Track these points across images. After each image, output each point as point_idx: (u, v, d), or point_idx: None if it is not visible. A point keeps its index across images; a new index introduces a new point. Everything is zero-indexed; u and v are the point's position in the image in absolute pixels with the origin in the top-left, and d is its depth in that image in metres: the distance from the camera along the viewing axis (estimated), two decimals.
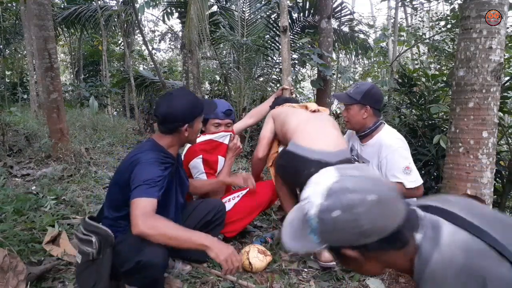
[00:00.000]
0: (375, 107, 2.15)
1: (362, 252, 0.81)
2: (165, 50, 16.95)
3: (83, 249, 1.52)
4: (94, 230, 1.53)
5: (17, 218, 2.27)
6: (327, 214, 0.78)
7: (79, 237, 1.56)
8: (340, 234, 0.78)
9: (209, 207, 2.01)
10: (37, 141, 4.36)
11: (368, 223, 0.76)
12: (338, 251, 0.83)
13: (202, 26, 4.62)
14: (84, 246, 1.51)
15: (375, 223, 0.76)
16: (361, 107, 2.15)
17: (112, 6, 8.74)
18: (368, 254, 0.81)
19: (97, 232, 1.52)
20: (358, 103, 2.14)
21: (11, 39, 11.60)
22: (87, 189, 3.13)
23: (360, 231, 0.76)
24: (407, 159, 2.02)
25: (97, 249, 1.47)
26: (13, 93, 12.50)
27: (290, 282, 1.86)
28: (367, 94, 2.12)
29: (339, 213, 0.76)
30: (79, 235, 1.57)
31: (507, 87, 2.67)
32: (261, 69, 6.71)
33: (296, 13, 6.07)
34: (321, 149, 1.99)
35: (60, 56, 16.19)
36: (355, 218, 0.76)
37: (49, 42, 3.70)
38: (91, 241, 1.48)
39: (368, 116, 2.15)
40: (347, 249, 0.81)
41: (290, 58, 2.78)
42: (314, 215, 0.80)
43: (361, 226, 0.76)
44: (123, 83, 8.90)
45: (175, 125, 1.65)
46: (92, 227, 1.54)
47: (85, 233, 1.54)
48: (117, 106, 14.53)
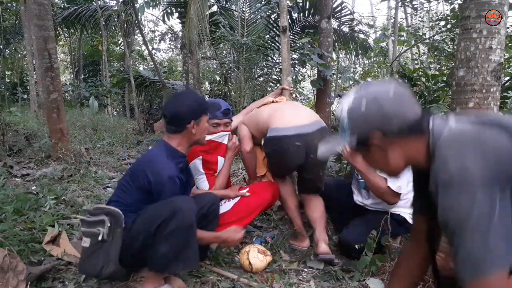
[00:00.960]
0: None
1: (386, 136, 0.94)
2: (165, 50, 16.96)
3: (92, 231, 1.54)
4: (104, 211, 1.57)
5: (17, 218, 2.27)
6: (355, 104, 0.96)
7: (88, 220, 1.59)
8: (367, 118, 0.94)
9: (204, 202, 1.96)
10: (37, 141, 4.36)
11: (390, 107, 0.92)
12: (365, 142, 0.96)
13: (202, 26, 4.62)
14: (95, 227, 1.54)
15: (396, 108, 0.92)
16: None
17: (112, 6, 8.74)
18: (392, 140, 0.94)
19: (107, 212, 1.56)
20: None
21: (11, 39, 11.60)
22: (87, 189, 3.13)
23: (383, 114, 0.92)
24: None
25: (108, 229, 1.52)
26: (13, 93, 12.50)
27: (290, 282, 1.86)
28: None
29: (365, 101, 0.94)
30: (87, 219, 1.59)
31: (507, 87, 2.67)
32: (261, 69, 6.72)
33: (296, 13, 6.07)
34: (297, 124, 2.08)
35: (60, 56, 16.19)
36: (379, 104, 0.92)
37: (49, 42, 3.70)
38: (103, 220, 1.53)
39: None
40: (374, 133, 0.94)
41: (290, 58, 2.78)
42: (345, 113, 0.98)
43: (384, 110, 0.92)
44: (123, 83, 8.91)
45: (182, 122, 1.72)
46: (102, 209, 1.59)
47: (94, 215, 1.59)
48: (117, 106, 14.53)
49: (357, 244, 1.98)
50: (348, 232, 2.15)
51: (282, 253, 2.21)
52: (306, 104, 9.16)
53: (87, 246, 1.56)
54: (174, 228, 1.51)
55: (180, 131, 1.74)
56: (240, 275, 1.90)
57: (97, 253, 1.53)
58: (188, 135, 1.76)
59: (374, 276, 1.87)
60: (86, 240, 1.57)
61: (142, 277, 1.81)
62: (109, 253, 1.51)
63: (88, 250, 1.55)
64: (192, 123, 1.73)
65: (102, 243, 1.52)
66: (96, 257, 1.52)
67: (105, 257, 1.51)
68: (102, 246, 1.52)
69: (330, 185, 2.43)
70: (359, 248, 1.98)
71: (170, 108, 1.75)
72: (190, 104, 1.74)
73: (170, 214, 1.51)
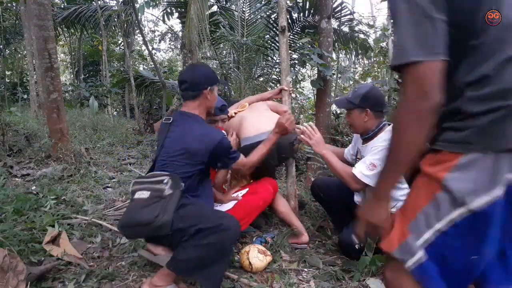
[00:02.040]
0: (376, 109, 2.13)
1: None
2: (165, 50, 16.97)
3: (154, 186, 1.64)
4: (165, 174, 1.68)
5: (17, 218, 2.27)
6: None
7: (148, 180, 1.69)
8: None
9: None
10: (37, 141, 4.36)
11: None
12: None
13: (202, 26, 4.62)
14: (155, 185, 1.65)
15: None
16: (361, 111, 2.14)
17: (112, 6, 8.74)
18: None
19: (168, 175, 1.67)
20: (357, 107, 2.14)
21: (11, 39, 11.61)
22: (87, 189, 3.14)
23: None
24: (378, 159, 2.02)
25: (169, 187, 1.61)
26: (13, 93, 12.51)
27: (290, 282, 1.86)
28: (365, 97, 2.12)
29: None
30: (147, 179, 1.71)
31: None
32: (261, 69, 6.72)
33: (296, 13, 6.07)
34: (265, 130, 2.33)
35: (60, 56, 16.20)
36: None
37: (49, 42, 3.70)
38: (165, 180, 1.63)
39: (369, 119, 2.14)
40: None
41: (290, 58, 2.78)
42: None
43: None
44: (123, 83, 8.90)
45: (199, 87, 1.85)
46: (161, 174, 1.70)
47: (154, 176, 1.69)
48: (117, 106, 14.53)
49: (357, 244, 1.99)
50: (348, 232, 2.15)
51: (282, 253, 2.21)
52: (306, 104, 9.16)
53: (146, 197, 1.62)
54: (212, 242, 1.55)
55: (197, 95, 1.86)
56: (240, 275, 1.90)
57: (155, 204, 1.58)
58: (204, 100, 1.88)
59: (374, 276, 1.87)
60: (143, 193, 1.64)
61: (141, 278, 1.81)
62: (167, 206, 1.57)
63: (146, 201, 1.60)
64: (208, 88, 1.86)
65: (160, 198, 1.59)
66: (153, 207, 1.57)
67: (163, 208, 1.56)
68: (160, 200, 1.59)
69: (330, 185, 2.43)
70: (359, 248, 1.98)
71: (189, 74, 1.88)
72: (206, 71, 1.92)
73: (217, 227, 1.55)
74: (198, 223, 1.56)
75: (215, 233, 1.54)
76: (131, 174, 3.81)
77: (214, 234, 1.54)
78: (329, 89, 4.20)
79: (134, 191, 1.70)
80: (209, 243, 1.54)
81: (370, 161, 2.04)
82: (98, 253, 2.04)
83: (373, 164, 2.03)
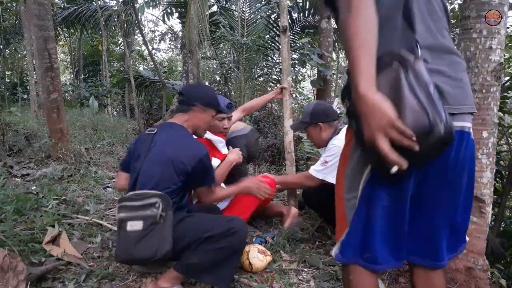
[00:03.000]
0: (327, 120, 2.34)
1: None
2: (165, 50, 16.99)
3: (145, 213, 1.53)
4: (153, 195, 1.56)
5: (17, 218, 2.27)
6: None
7: (136, 205, 1.56)
8: None
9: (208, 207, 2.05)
10: (37, 141, 4.36)
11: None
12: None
13: (202, 26, 4.62)
14: (147, 210, 1.53)
15: None
16: (314, 127, 2.37)
17: (112, 6, 8.74)
18: None
19: (157, 195, 1.56)
20: (310, 124, 2.37)
21: (11, 39, 11.61)
22: (87, 189, 3.13)
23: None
24: (329, 156, 2.25)
25: (161, 210, 1.52)
26: (13, 93, 12.51)
27: (290, 282, 1.86)
28: (314, 113, 2.35)
29: None
30: (135, 203, 1.56)
31: (507, 87, 2.67)
32: (261, 69, 6.71)
33: (296, 13, 6.07)
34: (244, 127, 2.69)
35: (60, 56, 16.20)
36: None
37: (49, 42, 3.70)
38: (156, 202, 1.53)
39: (324, 131, 2.36)
40: None
41: (290, 58, 2.78)
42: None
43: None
44: (123, 83, 8.91)
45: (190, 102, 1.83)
46: (148, 193, 1.57)
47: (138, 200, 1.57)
48: (117, 106, 14.54)
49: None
50: None
51: (282, 253, 2.21)
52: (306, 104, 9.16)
53: (140, 229, 1.52)
54: (224, 246, 1.56)
55: (188, 110, 1.83)
56: (240, 275, 1.90)
57: (151, 235, 1.51)
58: (193, 116, 1.83)
59: None
60: (136, 224, 1.54)
61: (141, 278, 1.81)
62: (164, 234, 1.51)
63: (141, 233, 1.52)
64: (200, 106, 1.82)
65: (154, 226, 1.51)
66: (150, 240, 1.50)
67: (160, 238, 1.50)
68: (155, 228, 1.51)
69: (328, 186, 2.43)
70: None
71: (190, 88, 1.93)
72: (205, 91, 1.90)
73: (227, 231, 1.56)
74: (205, 231, 1.56)
75: (227, 236, 1.56)
76: None
77: (226, 238, 1.56)
78: (329, 89, 4.20)
79: (124, 219, 1.56)
80: (222, 247, 1.56)
81: (323, 159, 2.29)
82: (98, 253, 2.04)
83: (325, 161, 2.27)
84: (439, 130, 0.79)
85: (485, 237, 1.78)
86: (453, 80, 0.96)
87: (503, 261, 2.53)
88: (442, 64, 0.96)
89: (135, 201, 1.57)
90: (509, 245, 2.70)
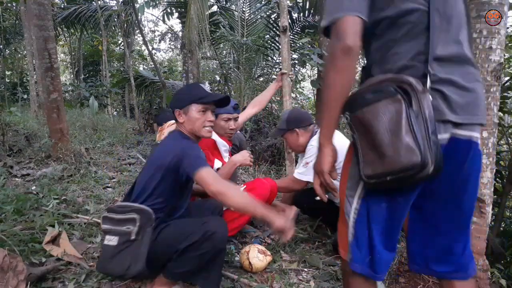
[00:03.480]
0: (302, 125, 2.40)
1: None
2: (165, 50, 16.98)
3: (121, 229, 1.49)
4: (135, 209, 1.53)
5: (17, 218, 2.27)
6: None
7: (116, 218, 1.53)
8: None
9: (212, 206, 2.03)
10: (37, 141, 4.36)
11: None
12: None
13: (202, 26, 4.62)
14: (124, 226, 1.49)
15: None
16: (291, 133, 2.42)
17: (112, 6, 8.74)
18: None
19: (138, 210, 1.52)
20: (287, 130, 2.43)
21: (11, 39, 11.61)
22: (87, 189, 3.13)
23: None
24: (309, 157, 2.32)
25: (138, 227, 1.47)
26: (13, 93, 12.51)
27: (290, 282, 1.86)
28: (289, 120, 2.41)
29: None
30: (115, 216, 1.54)
31: (507, 87, 2.67)
32: (261, 69, 6.71)
33: (296, 13, 6.07)
34: None
35: (60, 56, 16.20)
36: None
37: (49, 42, 3.70)
38: (134, 218, 1.48)
39: (301, 136, 2.41)
40: None
41: (290, 58, 2.79)
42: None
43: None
44: (123, 83, 8.91)
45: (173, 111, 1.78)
46: (131, 207, 1.54)
47: (121, 212, 1.53)
48: (117, 106, 14.54)
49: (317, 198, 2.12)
50: None
51: (282, 253, 2.21)
52: (307, 104, 9.15)
53: (115, 244, 1.49)
54: (205, 252, 1.52)
55: (175, 119, 1.79)
56: (240, 275, 1.90)
57: (124, 252, 1.47)
58: (180, 123, 1.78)
59: None
60: (112, 239, 1.51)
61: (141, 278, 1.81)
62: (138, 252, 1.46)
63: (115, 249, 1.49)
64: (177, 111, 1.76)
65: (130, 242, 1.47)
66: (123, 256, 1.47)
67: (133, 256, 1.46)
68: (130, 245, 1.47)
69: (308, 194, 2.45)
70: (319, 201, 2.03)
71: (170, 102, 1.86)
72: (178, 94, 1.83)
73: (204, 236, 1.51)
74: (183, 240, 1.52)
75: (204, 241, 1.51)
76: (131, 174, 3.81)
77: (204, 243, 1.51)
78: None
79: (104, 231, 1.57)
80: (202, 253, 1.52)
81: (304, 161, 2.33)
82: (98, 253, 2.04)
83: (306, 163, 2.32)
84: (428, 170, 0.88)
85: (485, 237, 1.78)
86: (465, 91, 0.97)
87: (503, 261, 2.53)
88: (455, 73, 0.97)
89: (116, 213, 1.55)
90: (509, 245, 2.70)
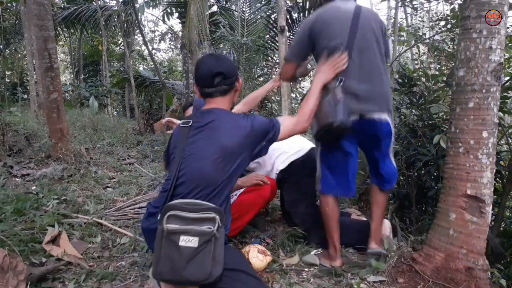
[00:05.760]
0: None
1: None
2: (165, 50, 17.00)
3: (201, 229, 1.35)
4: (210, 208, 1.40)
5: (17, 218, 2.27)
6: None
7: (191, 217, 1.37)
8: None
9: None
10: (37, 141, 4.36)
11: None
12: None
13: (202, 26, 4.62)
14: (203, 225, 1.36)
15: None
16: None
17: (112, 6, 8.74)
18: None
19: (214, 209, 1.40)
20: None
21: (11, 39, 11.62)
22: (87, 189, 3.14)
23: None
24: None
25: (217, 227, 1.36)
26: (13, 93, 12.51)
27: (290, 282, 1.85)
28: None
29: None
30: (190, 215, 1.37)
31: (507, 87, 2.67)
32: (261, 69, 6.72)
33: (296, 13, 6.07)
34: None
35: (60, 56, 16.21)
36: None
37: (49, 42, 3.70)
38: (214, 218, 1.36)
39: None
40: None
41: None
42: None
43: None
44: (123, 83, 8.92)
45: (232, 80, 1.62)
46: (204, 205, 1.40)
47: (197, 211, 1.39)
48: (117, 106, 14.54)
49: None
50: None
51: (282, 253, 2.21)
52: None
53: (195, 246, 1.34)
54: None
55: (230, 89, 1.62)
56: None
57: (203, 254, 1.34)
58: (233, 94, 1.66)
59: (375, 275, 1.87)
60: (191, 240, 1.35)
61: (141, 278, 1.81)
62: (215, 254, 1.35)
63: (195, 251, 1.34)
64: (239, 79, 1.66)
65: (210, 244, 1.35)
66: (202, 260, 1.34)
67: (213, 258, 1.35)
68: (206, 247, 1.35)
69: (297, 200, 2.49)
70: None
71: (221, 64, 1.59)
72: (231, 62, 1.71)
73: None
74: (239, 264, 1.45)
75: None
76: (131, 174, 3.81)
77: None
78: None
79: (175, 232, 1.35)
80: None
81: None
82: (98, 253, 2.04)
83: None
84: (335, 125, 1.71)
85: (485, 237, 1.77)
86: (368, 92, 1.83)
87: (503, 261, 2.53)
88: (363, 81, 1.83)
89: (190, 212, 1.38)
90: (509, 245, 2.70)
